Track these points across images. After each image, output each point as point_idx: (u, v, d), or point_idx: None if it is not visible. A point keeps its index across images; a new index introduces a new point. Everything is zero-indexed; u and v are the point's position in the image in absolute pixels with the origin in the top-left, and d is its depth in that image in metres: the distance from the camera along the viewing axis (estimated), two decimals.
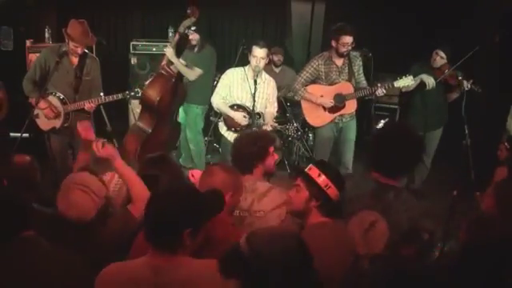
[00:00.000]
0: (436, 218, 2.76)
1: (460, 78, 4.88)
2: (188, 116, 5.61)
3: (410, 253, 2.51)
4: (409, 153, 2.58)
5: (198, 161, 5.73)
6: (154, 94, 4.76)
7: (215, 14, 7.43)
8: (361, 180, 2.78)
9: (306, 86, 4.82)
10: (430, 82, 4.80)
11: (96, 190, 2.39)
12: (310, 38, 7.08)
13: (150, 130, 4.94)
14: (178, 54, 5.11)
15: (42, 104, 4.30)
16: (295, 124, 5.78)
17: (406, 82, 4.64)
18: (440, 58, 4.93)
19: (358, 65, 4.76)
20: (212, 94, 4.90)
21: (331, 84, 4.78)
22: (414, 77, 4.76)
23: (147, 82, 4.99)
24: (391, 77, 5.91)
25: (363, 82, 4.80)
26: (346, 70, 4.77)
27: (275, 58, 6.31)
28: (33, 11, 6.25)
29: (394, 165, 2.58)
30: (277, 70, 6.40)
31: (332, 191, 2.38)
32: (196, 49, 5.35)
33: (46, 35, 6.13)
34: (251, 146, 2.92)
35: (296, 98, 5.03)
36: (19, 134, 4.26)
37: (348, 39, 4.55)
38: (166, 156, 3.05)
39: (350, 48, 4.61)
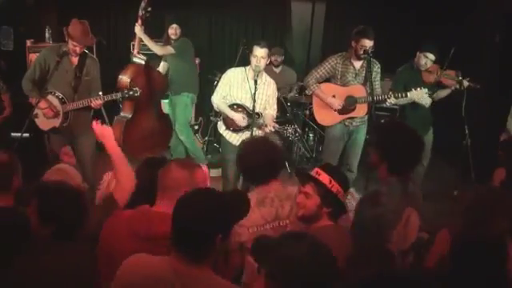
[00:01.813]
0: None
1: (460, 77, 4.87)
2: (177, 108, 5.67)
3: None
4: (411, 147, 2.67)
5: (197, 153, 5.79)
6: (125, 78, 5.04)
7: (215, 13, 7.44)
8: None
9: (320, 82, 4.80)
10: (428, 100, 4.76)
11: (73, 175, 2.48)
12: (310, 38, 7.09)
13: (130, 115, 5.15)
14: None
15: (43, 104, 4.30)
16: (294, 126, 5.77)
17: (420, 95, 4.58)
18: (429, 61, 4.89)
19: (376, 71, 4.69)
20: (198, 81, 5.46)
21: (345, 85, 4.74)
22: (404, 79, 4.85)
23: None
24: (390, 77, 5.92)
25: (378, 90, 4.73)
26: (363, 74, 4.72)
27: (275, 59, 6.31)
28: (33, 11, 6.25)
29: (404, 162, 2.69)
30: (277, 71, 6.40)
31: (342, 196, 2.40)
32: (172, 42, 5.56)
33: (46, 35, 6.13)
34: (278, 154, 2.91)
35: (307, 92, 5.03)
36: (19, 134, 4.25)
37: (367, 43, 4.51)
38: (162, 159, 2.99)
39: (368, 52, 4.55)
